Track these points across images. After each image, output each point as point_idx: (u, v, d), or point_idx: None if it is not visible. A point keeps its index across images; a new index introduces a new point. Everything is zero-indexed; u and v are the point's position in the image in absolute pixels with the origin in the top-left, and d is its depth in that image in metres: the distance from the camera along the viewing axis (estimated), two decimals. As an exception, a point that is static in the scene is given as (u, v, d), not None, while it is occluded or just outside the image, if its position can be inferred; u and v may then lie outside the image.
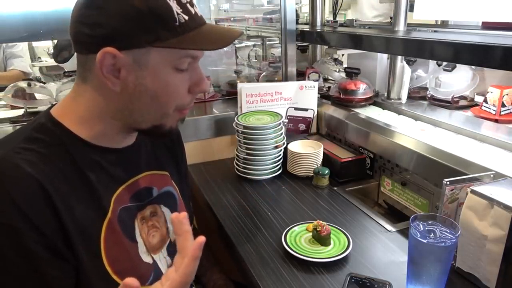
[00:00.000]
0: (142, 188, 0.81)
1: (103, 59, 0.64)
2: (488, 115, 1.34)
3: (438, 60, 1.55)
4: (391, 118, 1.44)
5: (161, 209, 0.85)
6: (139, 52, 0.65)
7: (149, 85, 0.68)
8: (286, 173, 1.39)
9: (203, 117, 1.55)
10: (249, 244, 1.00)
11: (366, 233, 1.04)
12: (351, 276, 0.83)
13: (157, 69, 0.67)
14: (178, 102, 0.72)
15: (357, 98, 1.57)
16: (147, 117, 0.73)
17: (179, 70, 0.70)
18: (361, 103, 1.57)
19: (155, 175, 0.86)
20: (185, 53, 0.68)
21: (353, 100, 1.57)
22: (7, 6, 1.35)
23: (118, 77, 0.67)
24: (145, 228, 0.80)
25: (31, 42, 3.49)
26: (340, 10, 2.13)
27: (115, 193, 0.74)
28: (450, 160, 1.03)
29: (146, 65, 0.67)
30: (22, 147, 0.65)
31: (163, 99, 0.71)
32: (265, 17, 2.47)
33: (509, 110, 1.31)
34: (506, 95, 1.30)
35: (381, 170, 1.32)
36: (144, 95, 0.69)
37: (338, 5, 2.08)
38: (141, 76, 0.67)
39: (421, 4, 1.40)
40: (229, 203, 1.21)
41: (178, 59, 0.68)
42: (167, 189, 0.88)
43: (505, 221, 0.73)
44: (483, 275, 0.79)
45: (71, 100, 0.74)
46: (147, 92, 0.69)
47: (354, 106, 1.55)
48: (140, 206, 0.80)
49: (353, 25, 1.91)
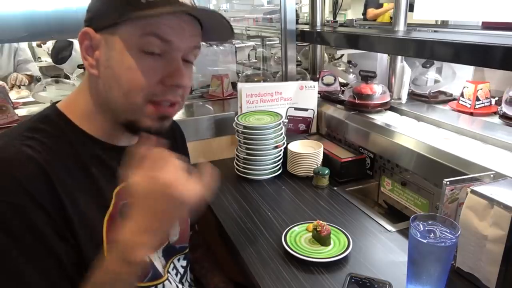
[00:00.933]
0: None
1: (81, 39, 0.69)
2: (464, 109, 1.41)
3: (438, 60, 1.55)
4: (410, 124, 1.35)
5: None
6: (109, 32, 0.67)
7: (115, 67, 0.68)
8: (286, 173, 1.39)
9: (203, 117, 1.55)
10: (249, 244, 1.00)
11: (366, 233, 1.04)
12: (351, 276, 0.83)
13: (122, 49, 0.67)
14: (145, 91, 0.68)
15: (373, 103, 1.46)
16: (120, 109, 0.71)
17: (147, 54, 0.67)
18: (377, 108, 1.46)
19: None
20: (150, 30, 0.66)
21: (368, 106, 1.46)
22: (7, 6, 1.35)
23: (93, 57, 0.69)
24: None
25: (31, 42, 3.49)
26: (340, 10, 2.13)
27: (115, 189, 0.75)
28: (450, 160, 1.03)
29: (113, 45, 0.67)
30: (25, 136, 0.66)
31: (127, 85, 0.67)
32: (265, 17, 2.48)
33: (483, 103, 1.40)
34: (480, 89, 1.38)
35: (381, 170, 1.32)
36: (112, 81, 0.69)
37: (338, 5, 2.08)
38: (110, 58, 0.68)
39: (421, 4, 1.40)
40: (229, 203, 1.21)
41: (142, 38, 0.66)
42: None
43: (505, 221, 0.73)
44: (483, 275, 0.79)
45: (76, 93, 0.76)
46: (114, 77, 0.68)
47: (369, 112, 1.45)
48: None
49: (353, 25, 1.91)
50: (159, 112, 0.72)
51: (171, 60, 0.69)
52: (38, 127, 0.69)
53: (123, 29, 0.66)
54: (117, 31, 0.67)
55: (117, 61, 0.67)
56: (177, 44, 0.68)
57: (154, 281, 0.79)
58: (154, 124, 0.73)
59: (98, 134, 0.74)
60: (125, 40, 0.66)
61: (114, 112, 0.72)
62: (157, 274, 0.80)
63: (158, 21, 0.66)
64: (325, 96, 1.70)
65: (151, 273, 0.78)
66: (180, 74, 0.70)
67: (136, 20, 0.65)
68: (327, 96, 1.69)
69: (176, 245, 0.88)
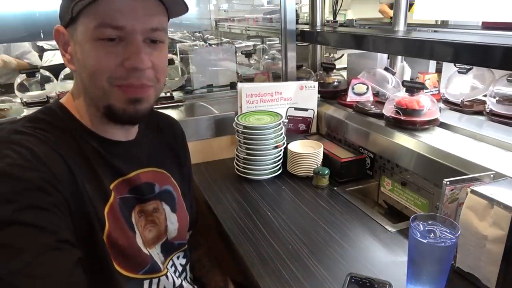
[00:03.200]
0: (144, 183, 0.82)
1: (56, 38, 0.73)
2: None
3: (438, 60, 1.55)
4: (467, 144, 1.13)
5: (163, 206, 0.86)
6: (72, 27, 0.70)
7: (80, 58, 0.70)
8: (286, 173, 1.39)
9: (203, 117, 1.55)
10: (249, 244, 1.00)
11: (366, 233, 1.04)
12: (351, 276, 0.82)
13: (82, 40, 0.69)
14: (107, 74, 0.69)
15: (421, 119, 1.24)
16: (94, 97, 0.72)
17: (104, 40, 0.67)
18: (425, 126, 1.25)
19: (157, 172, 0.87)
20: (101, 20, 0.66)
21: (415, 123, 1.24)
22: (7, 6, 1.35)
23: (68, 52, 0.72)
24: (142, 222, 0.81)
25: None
26: (340, 10, 2.13)
27: (113, 182, 0.76)
28: (450, 160, 1.03)
29: (76, 38, 0.70)
30: (28, 126, 0.69)
31: (91, 70, 0.69)
32: (265, 17, 2.48)
33: (431, 92, 1.54)
34: (428, 79, 1.54)
35: (381, 170, 1.32)
36: (82, 71, 0.71)
37: (338, 5, 2.08)
38: (76, 50, 0.71)
39: (421, 4, 1.40)
40: (229, 203, 1.21)
41: (96, 29, 0.67)
42: (167, 188, 0.89)
43: (505, 221, 0.73)
44: (483, 275, 0.79)
45: (72, 89, 0.79)
46: (81, 67, 0.71)
47: (416, 130, 1.24)
48: (141, 199, 0.81)
49: (353, 25, 1.91)
50: (129, 93, 0.71)
51: (129, 43, 0.69)
52: (40, 118, 0.72)
53: (80, 23, 0.68)
54: (77, 26, 0.69)
55: (81, 52, 0.69)
56: (130, 27, 0.68)
57: (150, 274, 0.79)
58: (127, 107, 0.72)
59: (95, 128, 0.76)
60: (83, 32, 0.68)
61: (92, 101, 0.74)
62: (155, 268, 0.80)
63: (107, 6, 0.66)
64: (358, 109, 1.47)
65: (148, 266, 0.78)
66: (138, 57, 0.69)
67: (86, 13, 0.67)
68: (360, 109, 1.46)
69: (174, 241, 0.89)
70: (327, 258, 0.93)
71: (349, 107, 1.53)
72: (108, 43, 0.68)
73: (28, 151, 0.62)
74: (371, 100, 1.54)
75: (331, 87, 1.71)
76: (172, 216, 0.88)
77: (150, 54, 0.71)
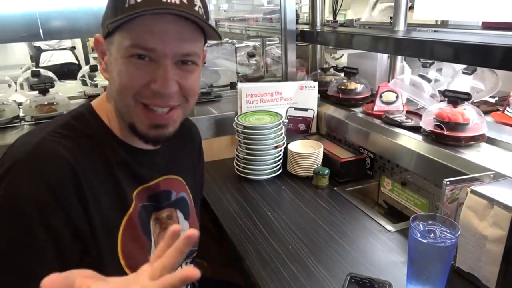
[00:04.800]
0: (162, 191, 0.83)
1: (95, 46, 0.74)
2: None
3: (438, 60, 1.55)
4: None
5: (177, 214, 0.86)
6: (109, 39, 0.70)
7: (113, 72, 0.70)
8: (286, 173, 1.39)
9: (203, 117, 1.55)
10: (249, 244, 1.00)
11: (366, 233, 1.03)
12: (351, 276, 0.82)
13: (116, 55, 0.69)
14: (133, 91, 0.68)
15: (466, 135, 1.09)
16: (120, 110, 0.73)
17: (135, 57, 0.67)
18: (470, 142, 1.09)
19: (174, 180, 0.87)
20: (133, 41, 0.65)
21: (460, 139, 1.09)
22: (7, 6, 1.35)
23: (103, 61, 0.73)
24: (157, 229, 0.81)
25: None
26: (340, 10, 2.13)
27: (135, 190, 0.77)
28: (450, 160, 1.03)
29: (111, 51, 0.70)
30: (59, 132, 0.69)
31: (119, 86, 0.69)
32: (265, 17, 2.47)
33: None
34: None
35: (381, 170, 1.32)
36: (112, 82, 0.71)
37: (338, 5, 2.08)
38: (111, 62, 0.71)
39: (421, 4, 1.40)
40: (229, 203, 1.21)
41: (128, 49, 0.66)
42: (182, 195, 0.89)
43: (505, 221, 0.73)
44: (483, 275, 0.79)
45: (105, 94, 0.79)
46: (112, 79, 0.71)
47: (459, 146, 1.09)
48: (157, 207, 0.82)
49: (353, 25, 1.91)
50: (151, 118, 0.71)
51: (158, 66, 0.68)
52: (72, 125, 0.72)
53: (115, 38, 0.68)
54: (113, 40, 0.69)
55: (114, 65, 0.70)
56: (160, 50, 0.66)
57: None
58: (150, 131, 0.72)
59: (121, 135, 0.76)
60: (117, 48, 0.68)
61: (119, 113, 0.74)
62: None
63: (140, 27, 0.65)
64: (389, 120, 1.31)
65: None
66: (164, 82, 0.68)
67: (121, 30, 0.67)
68: (392, 120, 1.30)
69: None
70: (327, 258, 0.93)
71: (376, 117, 1.39)
72: (139, 61, 0.67)
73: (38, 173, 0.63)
74: (400, 110, 1.38)
75: (353, 94, 1.56)
76: (185, 224, 0.88)
77: (180, 76, 0.70)
